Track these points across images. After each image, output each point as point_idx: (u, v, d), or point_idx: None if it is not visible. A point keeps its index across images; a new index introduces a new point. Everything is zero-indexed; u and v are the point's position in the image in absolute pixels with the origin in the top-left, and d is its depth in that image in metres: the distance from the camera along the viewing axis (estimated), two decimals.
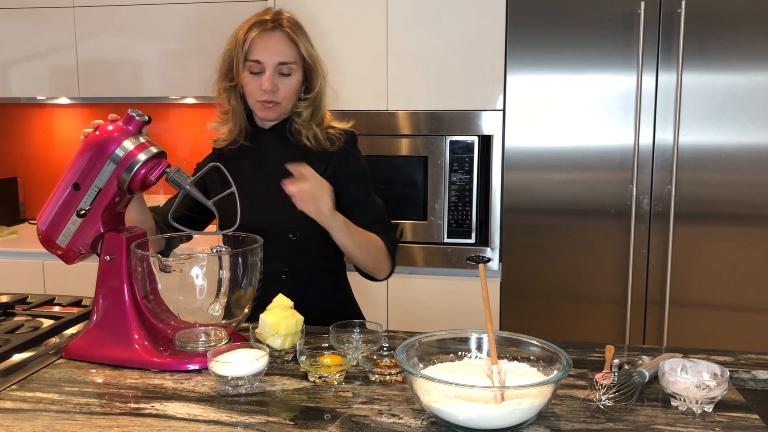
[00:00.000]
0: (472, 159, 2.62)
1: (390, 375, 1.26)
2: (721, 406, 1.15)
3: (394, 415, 1.12)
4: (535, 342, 1.20)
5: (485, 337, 1.23)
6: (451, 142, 2.62)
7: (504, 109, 2.58)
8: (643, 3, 2.37)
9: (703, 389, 1.12)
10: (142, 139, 1.36)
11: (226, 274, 1.35)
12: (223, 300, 1.36)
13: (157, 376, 1.29)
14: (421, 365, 1.19)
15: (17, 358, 1.35)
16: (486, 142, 2.63)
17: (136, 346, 1.34)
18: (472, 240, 2.67)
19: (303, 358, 1.27)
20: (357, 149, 1.73)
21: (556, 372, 1.11)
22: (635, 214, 2.48)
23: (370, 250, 1.63)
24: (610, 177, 2.50)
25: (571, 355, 1.15)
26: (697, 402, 1.12)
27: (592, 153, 2.51)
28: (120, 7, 3.05)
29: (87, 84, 3.14)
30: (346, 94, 2.60)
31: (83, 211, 1.37)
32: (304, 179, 1.45)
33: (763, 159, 2.41)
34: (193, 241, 1.53)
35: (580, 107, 2.50)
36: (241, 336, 1.44)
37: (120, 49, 3.09)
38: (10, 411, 1.14)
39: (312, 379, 1.26)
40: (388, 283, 2.69)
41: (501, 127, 2.59)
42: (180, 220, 1.47)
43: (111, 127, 1.35)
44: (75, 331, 1.52)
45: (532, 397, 1.04)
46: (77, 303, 1.71)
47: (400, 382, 1.25)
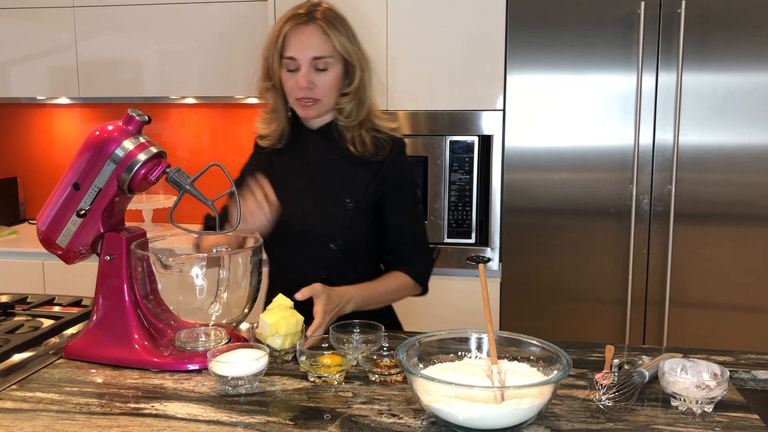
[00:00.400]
0: (472, 159, 2.62)
1: (390, 375, 1.26)
2: (721, 406, 1.15)
3: (394, 415, 1.12)
4: (535, 342, 1.20)
5: (485, 337, 1.23)
6: (451, 142, 2.62)
7: (504, 109, 2.58)
8: (643, 3, 2.37)
9: (703, 389, 1.12)
10: (142, 139, 1.36)
11: (226, 274, 1.35)
12: (223, 300, 1.36)
13: (157, 376, 1.29)
14: (421, 365, 1.19)
15: (17, 358, 1.35)
16: (486, 142, 2.63)
17: (136, 346, 1.34)
18: (472, 240, 2.67)
19: (303, 358, 1.27)
20: (405, 159, 1.66)
21: (556, 372, 1.11)
22: (635, 214, 2.48)
23: (392, 297, 1.64)
24: (610, 177, 2.50)
25: (571, 355, 1.15)
26: (697, 402, 1.12)
27: (592, 153, 2.51)
28: (120, 7, 3.05)
29: (87, 84, 3.14)
30: None
31: (83, 211, 1.37)
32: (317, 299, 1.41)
33: (763, 159, 2.41)
34: (192, 241, 1.53)
35: (580, 107, 2.50)
36: (241, 336, 1.44)
37: (120, 49, 3.09)
38: (10, 411, 1.14)
39: (312, 379, 1.26)
40: None
41: (501, 127, 2.59)
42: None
43: (111, 127, 1.35)
44: (75, 331, 1.52)
45: (532, 397, 1.04)
46: (77, 303, 1.71)
47: (400, 382, 1.25)
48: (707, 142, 2.43)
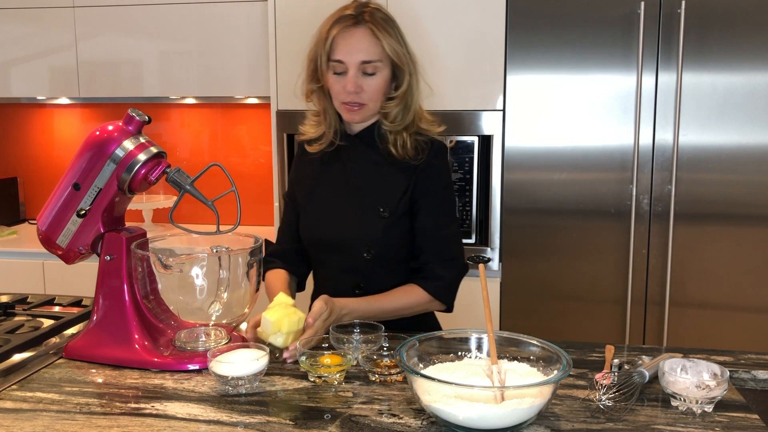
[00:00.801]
0: (472, 159, 2.62)
1: (390, 375, 1.26)
2: (721, 406, 1.15)
3: (394, 415, 1.12)
4: (535, 342, 1.20)
5: (485, 337, 1.23)
6: (451, 142, 2.62)
7: (504, 109, 2.58)
8: (643, 3, 2.37)
9: (703, 389, 1.12)
10: (142, 139, 1.36)
11: (226, 274, 1.36)
12: (223, 300, 1.36)
13: (157, 376, 1.29)
14: (421, 365, 1.19)
15: (17, 358, 1.35)
16: (486, 142, 2.63)
17: (136, 346, 1.34)
18: (472, 240, 2.67)
19: (303, 358, 1.27)
20: (442, 164, 1.59)
21: (556, 372, 1.11)
22: (635, 214, 2.48)
23: (402, 313, 1.55)
24: (610, 177, 2.50)
25: (571, 355, 1.15)
26: (697, 402, 1.12)
27: (592, 153, 2.51)
28: (120, 7, 3.05)
29: (87, 84, 3.14)
30: None
31: (83, 211, 1.37)
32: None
33: (763, 159, 2.41)
34: (192, 241, 1.53)
35: (580, 107, 2.50)
36: (241, 336, 1.44)
37: (120, 49, 3.09)
38: (10, 411, 1.14)
39: (312, 379, 1.26)
40: None
41: (501, 127, 2.59)
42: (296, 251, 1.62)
43: (111, 127, 1.35)
44: (75, 331, 1.52)
45: (532, 397, 1.04)
46: (77, 303, 1.71)
47: (400, 382, 1.25)
48: (707, 142, 2.43)
